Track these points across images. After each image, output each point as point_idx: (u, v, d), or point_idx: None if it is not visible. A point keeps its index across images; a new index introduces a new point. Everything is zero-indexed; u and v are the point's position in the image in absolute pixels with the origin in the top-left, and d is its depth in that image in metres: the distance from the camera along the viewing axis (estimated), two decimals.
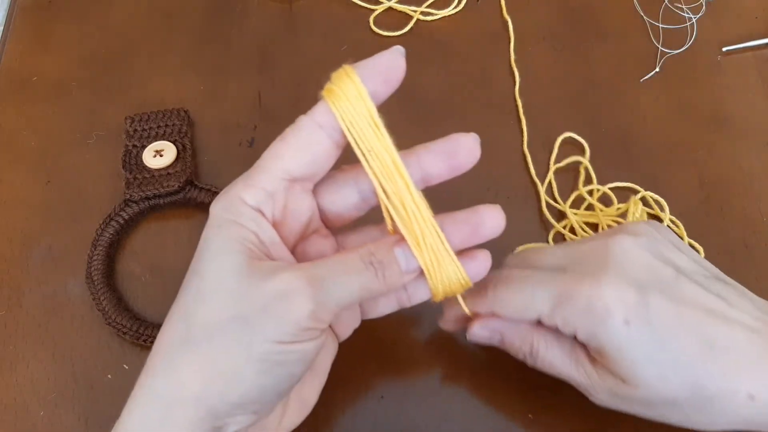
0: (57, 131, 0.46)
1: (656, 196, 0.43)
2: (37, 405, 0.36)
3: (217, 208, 0.28)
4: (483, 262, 0.30)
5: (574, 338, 0.31)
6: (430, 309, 0.39)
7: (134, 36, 0.50)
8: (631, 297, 0.29)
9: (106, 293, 0.38)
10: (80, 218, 0.42)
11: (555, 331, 0.31)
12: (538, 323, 0.32)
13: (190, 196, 0.42)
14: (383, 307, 0.33)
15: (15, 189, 0.43)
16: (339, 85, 0.28)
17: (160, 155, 0.42)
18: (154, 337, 0.36)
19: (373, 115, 0.28)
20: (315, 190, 0.30)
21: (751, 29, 0.51)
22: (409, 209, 0.28)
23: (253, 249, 0.27)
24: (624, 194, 0.43)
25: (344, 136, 0.28)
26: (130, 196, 0.41)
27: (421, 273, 0.29)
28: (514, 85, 0.48)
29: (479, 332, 0.33)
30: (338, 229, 0.32)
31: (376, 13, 0.52)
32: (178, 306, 0.28)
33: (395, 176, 0.28)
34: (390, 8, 0.52)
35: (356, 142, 0.28)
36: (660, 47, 0.50)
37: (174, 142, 0.43)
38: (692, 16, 0.51)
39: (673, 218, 0.42)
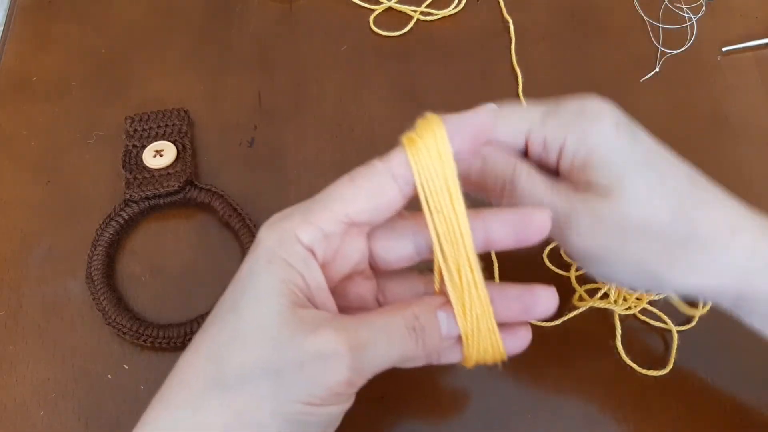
0: (57, 131, 0.46)
1: None
2: (37, 405, 0.36)
3: (270, 239, 0.26)
4: (523, 339, 0.29)
5: (556, 171, 0.31)
6: None
7: (134, 36, 0.51)
8: (620, 113, 0.30)
9: (106, 293, 0.38)
10: (80, 218, 0.42)
11: (537, 162, 0.31)
12: (523, 155, 0.31)
13: (190, 196, 0.42)
14: (411, 364, 0.30)
15: (15, 189, 0.43)
16: (422, 136, 0.26)
17: (160, 155, 0.42)
18: (154, 337, 0.37)
19: (451, 177, 0.26)
20: (370, 233, 0.29)
21: (751, 29, 0.51)
22: (465, 278, 0.27)
23: (298, 294, 0.26)
24: None
25: (415, 189, 0.27)
26: (130, 196, 0.41)
27: (459, 339, 0.28)
28: (516, 85, 0.48)
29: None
30: (382, 272, 0.31)
31: (376, 13, 0.52)
32: (211, 341, 0.26)
33: (459, 242, 0.26)
34: (390, 8, 0.52)
35: (426, 201, 0.26)
36: (660, 47, 0.50)
37: (174, 142, 0.43)
38: (692, 16, 0.51)
39: None
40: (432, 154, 0.26)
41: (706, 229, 0.29)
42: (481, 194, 0.32)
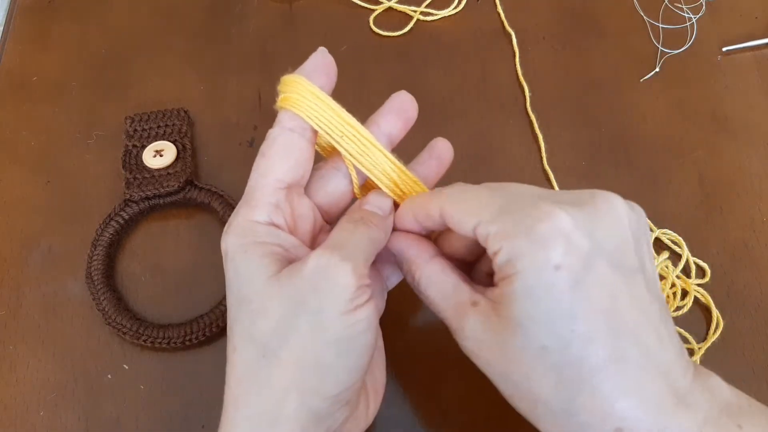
0: (57, 131, 0.46)
1: (673, 235, 0.42)
2: (37, 405, 0.36)
3: (229, 241, 0.29)
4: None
5: (463, 276, 0.30)
6: (428, 310, 0.39)
7: (134, 36, 0.51)
8: (583, 244, 0.25)
9: (106, 293, 0.38)
10: (80, 218, 0.42)
11: (448, 262, 0.31)
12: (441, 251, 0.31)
13: (190, 196, 0.42)
14: (395, 269, 0.34)
15: (15, 189, 0.43)
16: (291, 90, 0.30)
17: (160, 155, 0.42)
18: (154, 337, 0.37)
19: (333, 105, 0.30)
20: (309, 192, 0.32)
21: (751, 29, 0.51)
22: (391, 175, 0.31)
23: (282, 259, 0.28)
24: None
25: (314, 132, 0.31)
26: (130, 196, 0.41)
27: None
28: (517, 86, 0.48)
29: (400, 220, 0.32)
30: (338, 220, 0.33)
31: (376, 13, 0.52)
32: (238, 335, 0.28)
33: (371, 149, 0.31)
34: (390, 8, 0.52)
35: (327, 132, 0.30)
36: (660, 47, 0.50)
37: (174, 142, 0.43)
38: (692, 16, 0.51)
39: (696, 259, 0.41)
40: (307, 96, 0.30)
41: (590, 420, 0.25)
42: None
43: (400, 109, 0.33)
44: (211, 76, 0.49)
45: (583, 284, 0.25)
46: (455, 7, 0.52)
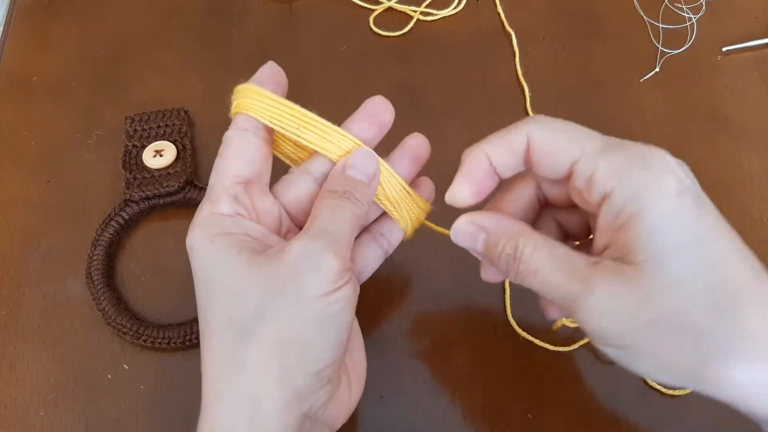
0: (57, 131, 0.46)
1: None
2: (37, 405, 0.36)
3: (195, 234, 0.29)
4: (429, 186, 0.34)
5: (567, 238, 0.30)
6: (429, 310, 0.39)
7: (134, 36, 0.51)
8: (689, 174, 0.26)
9: (106, 293, 0.38)
10: (80, 218, 0.42)
11: (546, 234, 0.28)
12: (533, 225, 0.30)
13: (190, 196, 0.42)
14: (371, 260, 0.34)
15: (15, 189, 0.43)
16: (244, 96, 0.31)
17: (160, 155, 0.42)
18: (154, 337, 0.37)
19: (281, 100, 0.31)
20: (276, 194, 0.32)
21: (751, 29, 0.51)
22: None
23: (250, 248, 0.28)
24: None
25: (268, 131, 0.31)
26: (130, 196, 0.41)
27: (388, 216, 0.33)
28: (517, 86, 0.48)
29: (463, 227, 0.30)
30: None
31: (376, 13, 0.52)
32: (215, 321, 0.28)
33: (331, 134, 0.31)
34: (390, 8, 0.52)
35: (284, 128, 0.30)
36: (660, 47, 0.50)
37: (174, 142, 0.43)
38: (692, 16, 0.51)
39: None
40: (258, 98, 0.30)
41: (759, 334, 0.24)
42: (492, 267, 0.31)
43: (373, 114, 0.32)
44: (211, 76, 0.49)
45: (704, 209, 0.26)
46: (455, 7, 0.52)
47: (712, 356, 0.24)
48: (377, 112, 0.33)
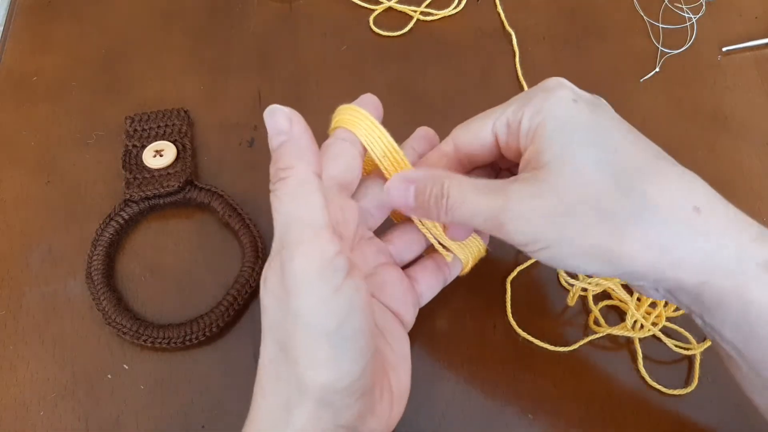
0: (57, 131, 0.46)
1: None
2: (37, 405, 0.36)
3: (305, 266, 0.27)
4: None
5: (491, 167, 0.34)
6: (429, 310, 0.39)
7: (134, 36, 0.51)
8: (582, 92, 0.30)
9: (106, 293, 0.38)
10: (80, 218, 0.42)
11: (509, 154, 0.32)
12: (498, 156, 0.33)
13: (190, 196, 0.42)
14: (433, 286, 0.36)
15: (15, 189, 0.43)
16: (347, 114, 0.33)
17: (160, 155, 0.42)
18: (154, 337, 0.37)
19: (378, 126, 0.33)
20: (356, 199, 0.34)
21: (751, 29, 0.51)
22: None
23: None
24: None
25: (362, 147, 0.33)
26: (130, 196, 0.41)
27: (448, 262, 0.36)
28: (517, 86, 0.48)
29: (394, 185, 0.32)
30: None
31: (376, 13, 0.52)
32: (263, 326, 0.28)
33: (402, 167, 0.33)
34: (390, 8, 0.52)
35: (372, 149, 0.33)
36: (660, 47, 0.50)
37: (174, 142, 0.43)
38: (692, 16, 0.51)
39: None
40: (360, 118, 0.33)
41: (662, 203, 0.27)
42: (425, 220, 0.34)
43: (426, 137, 0.36)
44: (211, 76, 0.49)
45: (599, 109, 0.29)
46: (455, 7, 0.52)
47: (623, 230, 0.26)
48: (428, 135, 0.36)
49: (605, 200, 0.27)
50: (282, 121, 0.29)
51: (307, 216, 0.27)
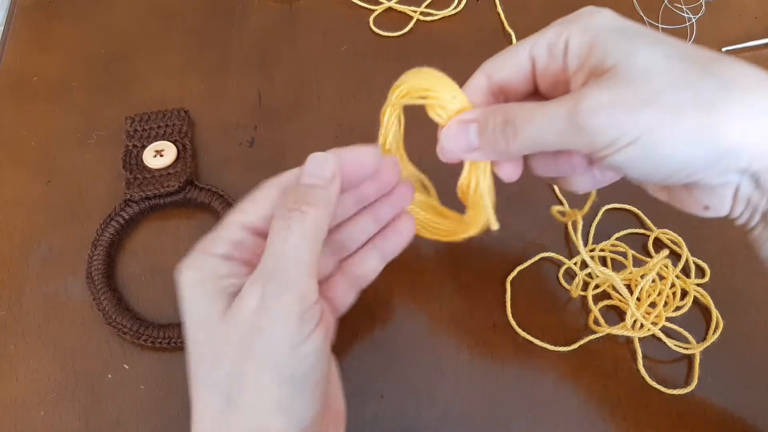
0: (57, 131, 0.46)
1: (673, 234, 0.42)
2: (37, 405, 0.36)
3: (183, 271, 0.28)
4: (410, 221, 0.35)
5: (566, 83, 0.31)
6: (429, 310, 0.39)
7: (134, 36, 0.51)
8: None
9: (106, 293, 0.38)
10: (80, 218, 0.42)
11: (548, 77, 0.31)
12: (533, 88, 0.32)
13: (190, 196, 0.42)
14: (344, 298, 0.33)
15: (15, 189, 0.43)
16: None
17: (160, 155, 0.42)
18: (154, 337, 0.37)
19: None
20: None
21: (751, 29, 0.51)
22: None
23: (230, 290, 0.28)
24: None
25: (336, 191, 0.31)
26: (130, 196, 0.41)
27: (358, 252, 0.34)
28: None
29: (452, 130, 0.31)
30: None
31: (376, 13, 0.52)
32: (198, 384, 0.27)
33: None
34: (390, 8, 0.52)
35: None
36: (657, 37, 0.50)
37: (174, 142, 0.43)
38: (692, 17, 0.51)
39: (695, 259, 0.41)
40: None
41: (745, 81, 0.26)
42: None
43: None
44: (211, 76, 0.49)
45: (644, 30, 0.28)
46: (455, 7, 0.52)
47: (718, 106, 0.25)
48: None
49: (693, 82, 0.26)
50: (328, 171, 0.29)
51: (307, 259, 0.27)
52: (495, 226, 0.33)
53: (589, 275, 0.40)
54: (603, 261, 0.41)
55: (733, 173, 0.27)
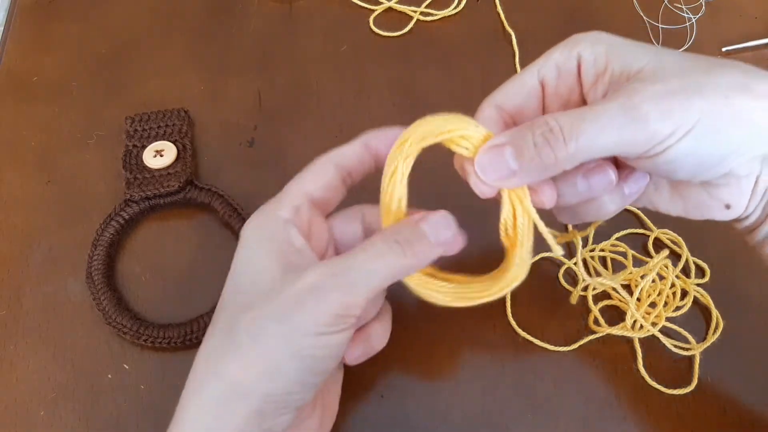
0: (57, 131, 0.46)
1: (673, 234, 0.42)
2: (37, 405, 0.36)
3: (249, 228, 0.31)
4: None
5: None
6: (429, 310, 0.39)
7: (134, 36, 0.51)
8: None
9: (106, 293, 0.38)
10: (80, 218, 0.42)
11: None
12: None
13: (190, 196, 0.42)
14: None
15: (15, 189, 0.43)
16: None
17: (160, 155, 0.42)
18: (154, 337, 0.37)
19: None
20: (330, 222, 0.33)
21: (750, 29, 0.51)
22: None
23: (288, 255, 0.29)
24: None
25: (351, 176, 0.32)
26: (130, 196, 0.41)
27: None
28: None
29: (486, 157, 0.29)
30: None
31: (376, 13, 0.52)
32: (221, 323, 0.29)
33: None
34: (390, 8, 0.52)
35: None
36: (660, 47, 0.50)
37: (174, 142, 0.43)
38: (692, 17, 0.51)
39: (695, 259, 0.41)
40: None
41: (752, 68, 0.28)
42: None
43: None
44: (211, 76, 0.49)
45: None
46: (455, 7, 0.52)
47: (755, 90, 0.27)
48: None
49: (723, 72, 0.27)
50: (446, 236, 0.30)
51: (373, 286, 0.28)
52: (528, 265, 0.31)
53: (590, 275, 0.40)
54: (603, 261, 0.41)
55: (757, 160, 0.28)
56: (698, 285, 0.40)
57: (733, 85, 0.27)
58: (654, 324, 0.38)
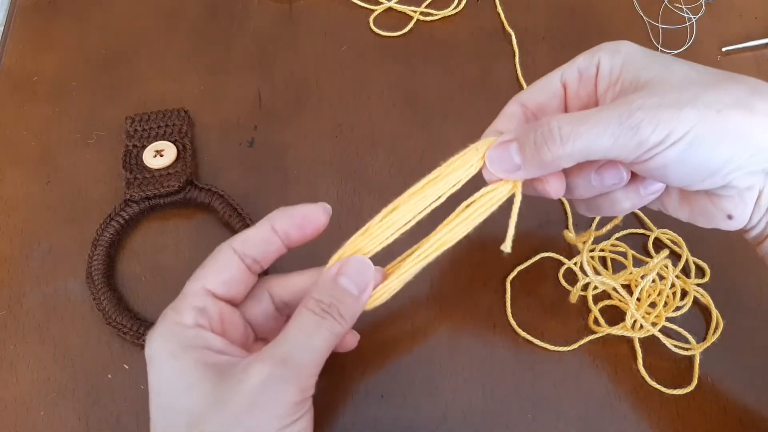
0: (57, 131, 0.46)
1: (673, 234, 0.42)
2: (37, 405, 0.36)
3: (155, 346, 0.29)
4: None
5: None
6: (429, 310, 0.39)
7: (134, 36, 0.51)
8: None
9: (106, 293, 0.38)
10: (80, 218, 0.42)
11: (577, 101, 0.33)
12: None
13: (190, 196, 0.42)
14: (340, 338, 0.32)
15: (15, 189, 0.43)
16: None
17: (160, 155, 0.42)
18: None
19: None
20: (239, 310, 0.32)
21: (751, 29, 0.51)
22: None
23: (213, 364, 0.28)
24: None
25: (259, 263, 0.32)
26: (130, 196, 0.41)
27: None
28: (517, 86, 0.48)
29: (495, 152, 0.31)
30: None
31: (376, 13, 0.52)
32: None
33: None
34: (390, 8, 0.52)
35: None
36: (660, 47, 0.50)
37: (174, 142, 0.43)
38: (692, 17, 0.51)
39: (695, 259, 0.41)
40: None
41: (761, 84, 0.29)
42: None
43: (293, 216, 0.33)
44: (211, 76, 0.49)
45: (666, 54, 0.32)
46: (455, 7, 0.52)
47: (750, 106, 0.28)
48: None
49: (727, 87, 0.28)
50: (364, 282, 0.31)
51: (321, 359, 0.29)
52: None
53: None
54: (603, 261, 0.41)
55: (759, 174, 0.29)
56: (698, 285, 0.40)
57: (731, 101, 0.27)
58: (654, 324, 0.38)
